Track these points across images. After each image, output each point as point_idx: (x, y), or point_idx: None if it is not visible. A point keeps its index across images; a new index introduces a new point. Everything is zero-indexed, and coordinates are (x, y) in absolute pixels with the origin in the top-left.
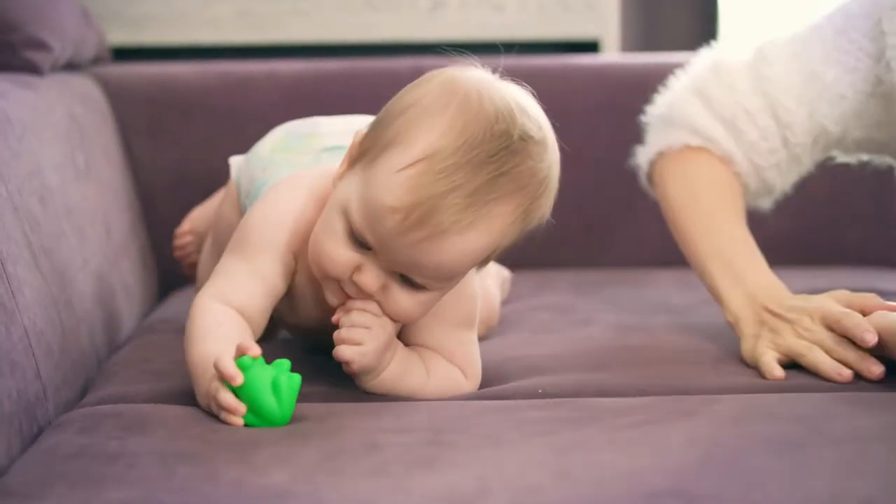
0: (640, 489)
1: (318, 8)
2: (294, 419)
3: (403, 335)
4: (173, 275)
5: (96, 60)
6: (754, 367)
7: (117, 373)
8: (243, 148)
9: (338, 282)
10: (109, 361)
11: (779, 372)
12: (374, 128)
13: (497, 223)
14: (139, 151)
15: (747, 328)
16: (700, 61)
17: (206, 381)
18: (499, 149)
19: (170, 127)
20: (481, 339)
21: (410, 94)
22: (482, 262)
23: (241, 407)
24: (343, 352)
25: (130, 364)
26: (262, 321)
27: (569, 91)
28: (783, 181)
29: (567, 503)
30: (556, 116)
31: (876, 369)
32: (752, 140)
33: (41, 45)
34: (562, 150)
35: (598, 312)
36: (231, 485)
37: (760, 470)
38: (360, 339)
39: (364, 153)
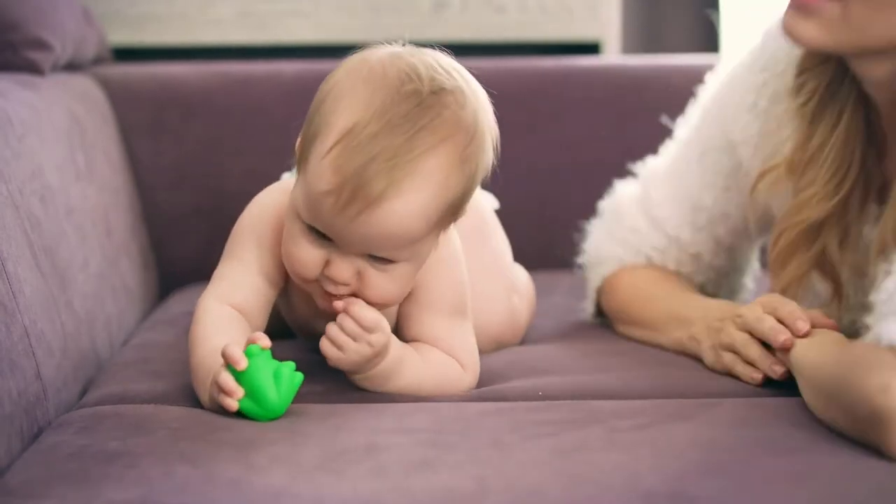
0: (640, 491)
1: (319, 9)
2: (294, 419)
3: (397, 330)
4: (174, 275)
5: (97, 60)
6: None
7: (117, 373)
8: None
9: (317, 283)
10: (110, 361)
11: (756, 374)
12: (304, 128)
13: (433, 178)
14: (140, 151)
15: (704, 342)
16: (605, 206)
17: (205, 384)
18: (411, 108)
19: (171, 127)
20: (489, 352)
21: (325, 86)
22: (440, 223)
23: (239, 390)
24: (325, 347)
25: (130, 364)
26: (262, 318)
27: (569, 92)
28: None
29: None
30: (557, 117)
31: (778, 369)
32: (672, 268)
33: (42, 45)
34: (562, 149)
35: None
36: (231, 485)
37: (760, 474)
38: (342, 343)
39: (300, 154)
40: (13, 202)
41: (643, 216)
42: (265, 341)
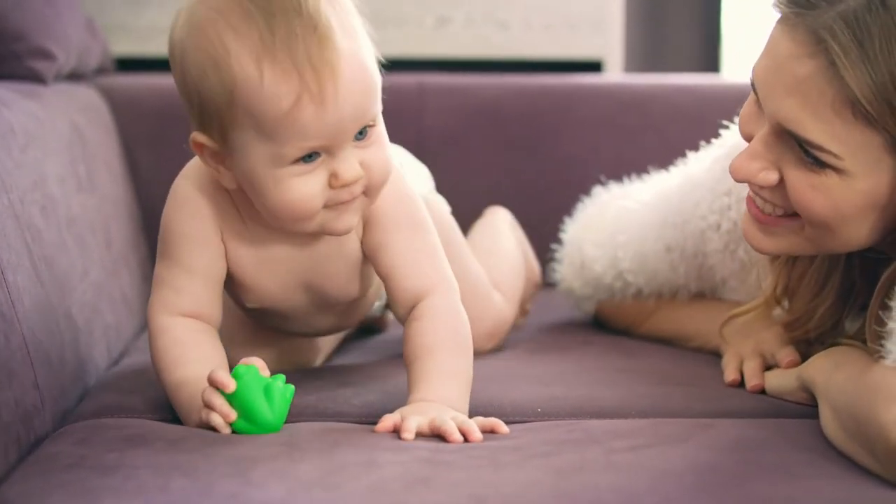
0: None
1: None
2: (293, 434)
3: (373, 262)
4: None
5: (100, 71)
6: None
7: (115, 383)
8: None
9: (322, 210)
10: (107, 372)
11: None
12: (202, 114)
13: (344, 17)
14: (142, 162)
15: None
16: (567, 239)
17: (192, 406)
18: None
19: (172, 138)
20: (483, 355)
21: (189, 58)
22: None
23: (232, 413)
24: (455, 437)
25: (128, 375)
26: (216, 313)
27: (572, 109)
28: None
29: None
30: (559, 134)
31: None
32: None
33: (45, 55)
34: (564, 167)
35: (598, 332)
36: (227, 498)
37: (756, 498)
38: (452, 428)
39: (223, 128)
40: (14, 212)
41: (611, 267)
42: (252, 361)
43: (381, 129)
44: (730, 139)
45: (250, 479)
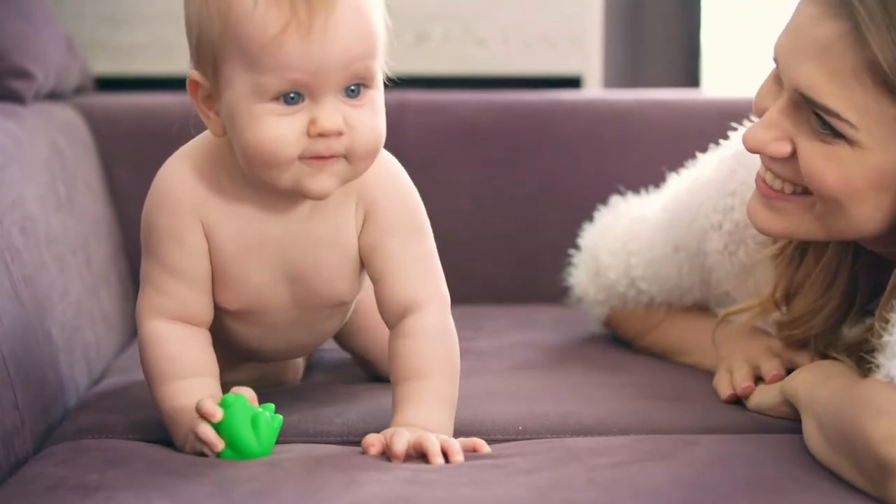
0: None
1: None
2: (275, 454)
3: (367, 265)
4: None
5: (79, 90)
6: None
7: (96, 403)
8: None
9: (297, 162)
10: (88, 392)
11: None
12: (199, 48)
13: None
14: (121, 182)
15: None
16: (585, 243)
17: (182, 427)
18: None
19: (152, 157)
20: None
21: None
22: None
23: (220, 443)
24: (437, 459)
25: (109, 395)
26: (206, 313)
27: (551, 126)
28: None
29: None
30: (539, 150)
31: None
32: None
33: (24, 75)
34: (544, 183)
35: (579, 348)
36: None
37: None
38: (435, 448)
39: (215, 63)
40: None
41: (624, 275)
42: (241, 390)
43: (377, 95)
44: (737, 141)
45: (232, 499)
